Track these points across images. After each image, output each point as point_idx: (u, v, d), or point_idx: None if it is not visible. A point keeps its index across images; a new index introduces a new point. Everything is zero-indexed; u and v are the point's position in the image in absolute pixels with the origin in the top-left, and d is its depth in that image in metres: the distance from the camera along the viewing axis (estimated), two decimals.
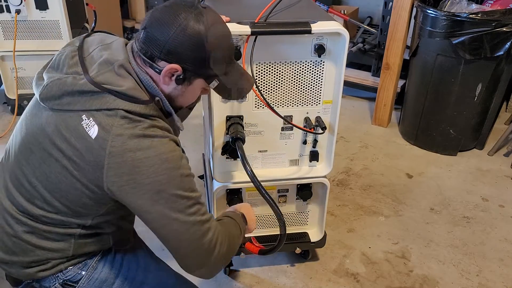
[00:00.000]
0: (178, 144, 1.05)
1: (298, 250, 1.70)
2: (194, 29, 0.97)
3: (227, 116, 1.37)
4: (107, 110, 0.97)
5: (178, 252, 1.05)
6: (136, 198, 0.99)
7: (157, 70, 1.01)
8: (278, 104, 1.38)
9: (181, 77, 1.02)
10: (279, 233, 1.32)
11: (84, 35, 1.12)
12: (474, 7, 2.29)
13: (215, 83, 1.06)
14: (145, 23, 1.00)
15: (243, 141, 1.31)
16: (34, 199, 1.05)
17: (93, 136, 0.96)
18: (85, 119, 0.98)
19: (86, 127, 0.97)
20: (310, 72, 1.35)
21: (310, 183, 1.56)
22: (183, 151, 1.10)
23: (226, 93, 1.12)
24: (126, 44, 1.08)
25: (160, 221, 1.01)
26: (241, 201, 1.56)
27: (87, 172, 0.99)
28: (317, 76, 1.36)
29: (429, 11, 2.24)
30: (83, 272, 1.15)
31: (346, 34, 1.26)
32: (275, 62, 1.32)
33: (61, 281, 1.13)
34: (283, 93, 1.37)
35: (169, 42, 0.97)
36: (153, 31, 0.98)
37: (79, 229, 1.09)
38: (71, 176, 1.00)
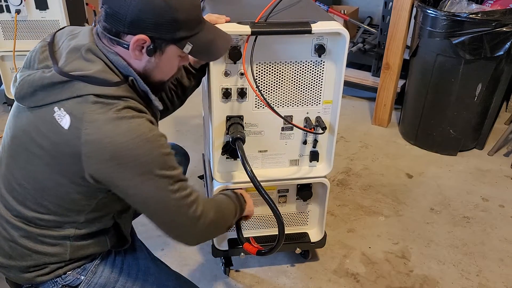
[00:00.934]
0: (153, 124, 1.02)
1: (298, 250, 1.70)
2: None
3: (227, 116, 1.37)
4: (77, 98, 0.95)
5: (163, 225, 1.08)
6: (120, 181, 0.98)
7: (125, 46, 0.98)
8: (278, 104, 1.38)
9: (151, 47, 0.98)
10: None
11: (55, 30, 1.11)
12: (474, 7, 2.29)
13: (189, 47, 1.01)
14: (102, 0, 0.98)
15: (243, 141, 1.31)
16: (26, 201, 1.05)
17: (66, 127, 0.94)
18: (57, 111, 0.96)
19: (58, 119, 0.95)
20: (310, 72, 1.35)
21: (310, 183, 1.56)
22: None
23: (205, 55, 1.08)
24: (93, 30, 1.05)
25: (146, 200, 1.02)
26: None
27: (67, 165, 0.97)
28: (317, 76, 1.36)
29: (429, 11, 2.24)
30: (82, 277, 1.14)
31: (346, 34, 1.26)
32: (275, 62, 1.32)
33: (60, 286, 1.13)
34: (283, 93, 1.37)
35: (129, 13, 0.94)
36: (112, 5, 0.95)
37: (73, 230, 1.08)
38: (55, 172, 0.99)
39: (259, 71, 1.32)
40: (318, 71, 1.35)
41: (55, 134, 0.96)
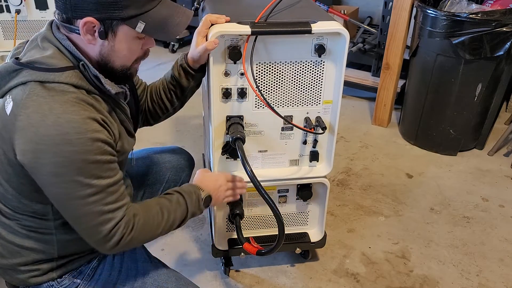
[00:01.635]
0: (100, 122, 0.95)
1: (298, 250, 1.70)
2: None
3: (227, 116, 1.37)
4: (21, 85, 0.94)
5: (76, 229, 1.02)
6: (37, 176, 0.95)
7: (77, 32, 0.96)
8: (278, 104, 1.38)
9: (101, 29, 0.95)
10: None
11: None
12: (474, 7, 2.29)
13: (141, 26, 0.96)
14: None
15: (243, 141, 1.31)
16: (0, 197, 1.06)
17: (8, 112, 0.94)
18: (7, 98, 0.96)
19: (6, 105, 0.95)
20: (310, 72, 1.35)
21: (310, 183, 1.56)
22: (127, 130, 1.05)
23: (160, 33, 1.01)
24: None
25: (59, 202, 0.98)
26: (240, 201, 1.55)
27: (9, 152, 0.96)
28: (317, 76, 1.36)
29: (429, 11, 2.24)
30: (79, 280, 1.14)
31: (346, 34, 1.26)
32: (275, 62, 1.32)
33: None
34: (283, 93, 1.37)
35: None
36: None
37: (51, 222, 1.07)
38: (3, 162, 0.99)
39: (259, 71, 1.32)
40: (318, 71, 1.35)
41: (1, 120, 0.97)
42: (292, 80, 1.35)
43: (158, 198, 1.15)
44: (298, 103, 1.39)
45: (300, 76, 1.35)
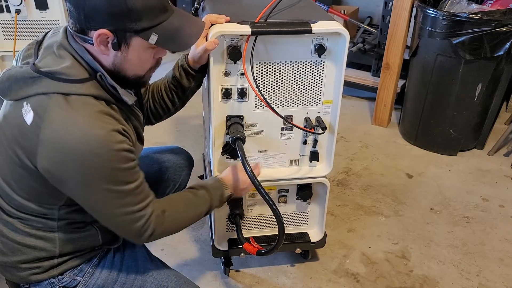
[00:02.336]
0: (122, 133, 0.98)
1: (298, 250, 1.70)
2: None
3: (227, 116, 1.37)
4: (42, 95, 0.95)
5: (109, 227, 1.08)
6: (65, 185, 0.98)
7: (91, 42, 0.96)
8: (278, 104, 1.38)
9: (115, 41, 0.96)
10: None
11: (47, 30, 1.11)
12: (474, 7, 2.29)
13: (154, 37, 0.98)
14: None
15: (243, 141, 1.31)
16: (3, 195, 1.07)
17: (28, 123, 0.95)
18: (25, 106, 0.96)
19: (24, 114, 0.96)
20: (310, 72, 1.35)
21: (310, 183, 1.56)
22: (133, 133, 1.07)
23: (173, 45, 1.03)
24: None
25: (89, 207, 1.03)
26: (240, 201, 1.56)
27: (27, 159, 0.97)
28: (317, 76, 1.36)
29: (429, 11, 2.24)
30: (79, 278, 1.14)
31: (346, 34, 1.26)
32: (275, 62, 1.32)
33: (57, 287, 1.13)
34: (283, 93, 1.37)
35: (86, 8, 0.92)
36: (70, 2, 0.94)
37: (55, 222, 1.08)
38: (16, 164, 1.00)
39: (259, 71, 1.32)
40: (318, 71, 1.35)
41: (18, 128, 0.97)
42: (292, 80, 1.35)
43: (185, 193, 1.23)
44: (298, 103, 1.39)
45: (300, 76, 1.35)
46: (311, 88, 1.37)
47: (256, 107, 1.38)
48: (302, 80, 1.35)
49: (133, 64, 1.03)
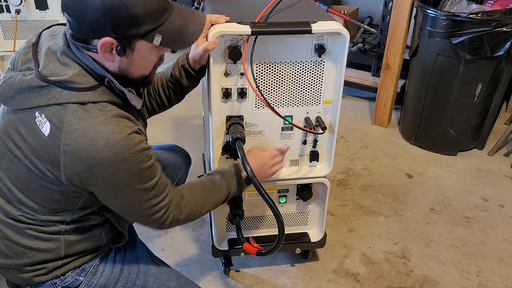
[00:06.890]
0: (139, 133, 1.01)
1: (298, 250, 1.70)
2: None
3: (227, 116, 1.37)
4: (56, 105, 0.95)
5: (128, 219, 1.14)
6: (95, 190, 1.01)
7: (95, 51, 0.96)
8: (278, 104, 1.38)
9: (119, 48, 0.96)
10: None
11: (41, 30, 1.10)
12: (474, 7, 2.29)
13: (158, 39, 0.98)
14: (61, 4, 0.97)
15: (243, 141, 1.31)
16: (12, 201, 1.06)
17: (46, 134, 0.95)
18: (38, 116, 0.96)
19: (39, 125, 0.96)
20: (310, 72, 1.35)
21: (310, 183, 1.56)
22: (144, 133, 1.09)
23: (177, 44, 1.04)
24: None
25: (116, 205, 1.07)
26: (240, 201, 1.56)
27: (46, 169, 0.98)
28: (317, 76, 1.36)
29: (429, 11, 2.24)
30: (82, 278, 1.14)
31: (346, 34, 1.26)
32: (275, 62, 1.32)
33: (60, 287, 1.13)
34: (283, 93, 1.37)
35: (87, 19, 0.92)
36: (70, 13, 0.95)
37: (63, 225, 1.08)
38: (35, 174, 1.00)
39: (259, 71, 1.32)
40: (318, 71, 1.35)
41: (34, 139, 0.97)
42: (292, 80, 1.35)
43: (202, 180, 1.26)
44: (298, 103, 1.39)
45: (300, 76, 1.35)
46: (311, 88, 1.37)
47: (256, 107, 1.38)
48: (302, 80, 1.35)
49: (139, 66, 1.03)
